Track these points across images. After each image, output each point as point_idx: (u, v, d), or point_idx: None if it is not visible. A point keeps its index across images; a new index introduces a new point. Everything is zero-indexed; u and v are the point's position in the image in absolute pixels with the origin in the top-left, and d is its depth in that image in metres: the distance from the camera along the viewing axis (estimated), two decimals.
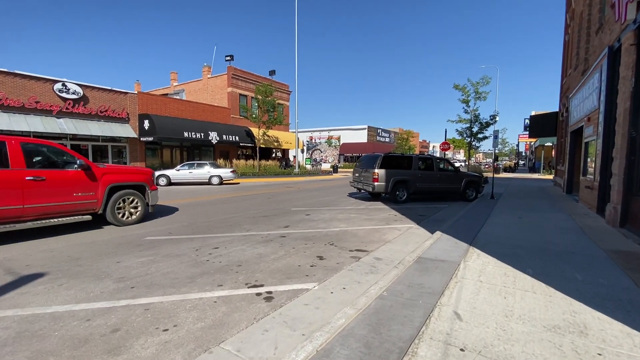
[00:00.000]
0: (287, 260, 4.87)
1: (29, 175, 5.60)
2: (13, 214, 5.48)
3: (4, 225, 5.38)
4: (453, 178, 12.37)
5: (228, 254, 5.09)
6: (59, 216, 6.14)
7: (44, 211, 5.89)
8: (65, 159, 6.43)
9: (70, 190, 6.20)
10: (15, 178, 5.44)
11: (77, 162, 6.34)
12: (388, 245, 5.82)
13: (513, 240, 5.78)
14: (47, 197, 5.88)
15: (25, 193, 5.56)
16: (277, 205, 10.28)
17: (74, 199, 6.26)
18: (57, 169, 6.16)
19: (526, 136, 40.46)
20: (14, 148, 5.57)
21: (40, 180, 5.74)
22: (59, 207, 6.08)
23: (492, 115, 20.23)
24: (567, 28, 17.06)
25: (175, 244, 5.61)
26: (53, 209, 6.00)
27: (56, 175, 6.04)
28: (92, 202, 6.56)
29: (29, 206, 5.65)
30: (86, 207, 6.50)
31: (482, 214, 8.64)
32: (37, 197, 5.74)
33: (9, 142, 5.58)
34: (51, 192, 5.92)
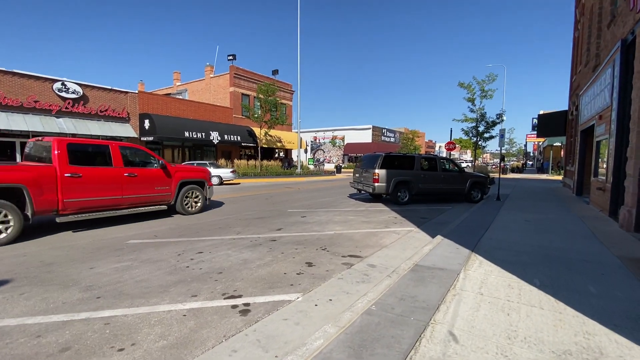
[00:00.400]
0: (273, 267, 4.53)
1: (125, 172, 7.12)
2: (115, 202, 7.01)
3: (109, 211, 6.93)
4: (457, 179, 11.93)
5: (211, 260, 4.77)
6: (144, 206, 7.59)
7: (135, 201, 7.36)
8: (149, 160, 7.90)
9: (153, 185, 7.68)
10: (116, 174, 6.99)
11: (158, 163, 7.88)
12: (384, 251, 5.44)
13: (519, 245, 5.36)
14: (137, 190, 7.34)
15: (123, 186, 7.07)
16: (273, 207, 9.96)
17: (155, 192, 7.73)
18: (143, 168, 7.62)
19: (534, 136, 39.64)
20: (114, 150, 7.09)
21: (133, 176, 7.24)
22: (145, 198, 7.57)
23: (499, 113, 19.68)
24: (577, 24, 16.48)
25: (158, 248, 5.30)
26: (141, 200, 7.47)
27: (143, 172, 7.51)
28: (168, 194, 8.03)
29: (126, 197, 7.14)
30: (163, 199, 7.96)
31: (487, 216, 8.21)
32: (131, 190, 7.22)
33: (112, 146, 7.13)
34: (140, 186, 7.39)
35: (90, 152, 7.00)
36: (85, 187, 6.50)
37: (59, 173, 6.16)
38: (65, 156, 6.31)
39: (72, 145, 6.53)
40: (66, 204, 6.25)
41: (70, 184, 6.26)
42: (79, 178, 6.40)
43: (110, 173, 6.90)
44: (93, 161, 6.91)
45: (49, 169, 6.09)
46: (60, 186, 6.14)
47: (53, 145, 6.29)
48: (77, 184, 6.37)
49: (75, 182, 6.33)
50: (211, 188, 9.21)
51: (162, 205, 7.92)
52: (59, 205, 6.16)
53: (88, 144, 7.01)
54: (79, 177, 6.39)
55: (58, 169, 6.16)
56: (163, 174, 7.86)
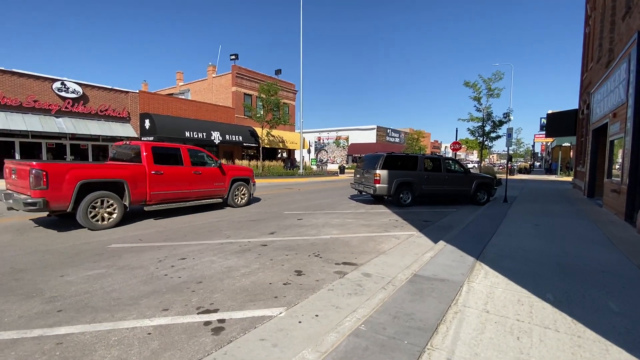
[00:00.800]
0: (259, 275, 4.17)
1: (193, 170, 8.39)
2: (186, 195, 8.30)
3: (180, 203, 8.19)
4: (462, 180, 11.47)
5: (193, 267, 4.42)
6: (205, 198, 8.86)
7: (200, 195, 8.66)
8: (209, 160, 9.11)
9: (213, 181, 8.95)
10: (187, 172, 8.28)
11: (215, 163, 9.15)
12: (382, 258, 5.05)
13: (528, 253, 4.93)
14: (201, 185, 8.62)
15: (192, 182, 8.35)
16: (269, 208, 9.61)
17: (214, 187, 9.02)
18: (205, 167, 8.82)
19: (542, 136, 38.83)
20: (184, 152, 8.38)
21: (198, 174, 8.52)
22: (207, 192, 8.85)
23: (506, 113, 19.08)
24: (588, 19, 15.89)
25: (138, 253, 4.98)
26: (204, 194, 8.78)
27: (206, 171, 8.76)
28: (223, 189, 9.31)
29: (193, 191, 8.44)
30: (220, 193, 9.24)
31: (494, 220, 7.76)
32: (197, 185, 8.51)
33: (182, 148, 8.43)
34: (204, 182, 8.68)
35: (167, 153, 8.18)
36: (165, 183, 7.80)
37: (147, 171, 7.46)
38: (151, 157, 7.63)
39: (155, 148, 7.84)
40: (152, 196, 7.55)
41: (155, 180, 7.58)
42: (161, 175, 7.70)
43: (182, 171, 8.22)
44: (169, 161, 8.11)
45: (140, 167, 7.39)
46: (148, 181, 7.45)
47: (142, 148, 7.61)
48: (160, 179, 7.69)
49: (158, 178, 7.65)
50: (254, 185, 10.51)
51: (218, 199, 9.24)
52: (147, 197, 7.48)
53: (165, 147, 8.29)
54: (161, 174, 7.69)
55: (147, 168, 7.47)
56: (219, 172, 9.15)
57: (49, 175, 5.90)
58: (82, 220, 6.31)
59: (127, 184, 6.96)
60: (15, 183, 6.51)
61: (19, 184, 6.32)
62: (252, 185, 10.26)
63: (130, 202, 7.05)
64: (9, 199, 6.30)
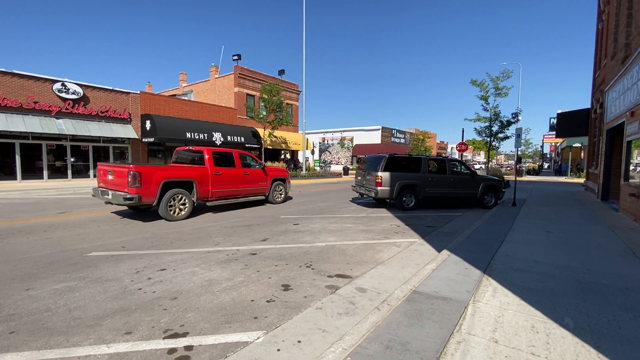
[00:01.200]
0: (241, 290, 3.78)
1: (243, 171, 9.63)
2: (237, 193, 9.52)
3: (232, 199, 9.40)
4: (469, 182, 10.97)
5: (171, 280, 4.06)
6: (252, 196, 10.05)
7: (248, 192, 9.85)
8: (254, 162, 10.36)
9: (258, 181, 10.13)
10: (238, 173, 9.52)
11: (260, 165, 10.42)
12: (379, 269, 4.63)
13: (541, 265, 4.47)
14: (249, 184, 9.83)
15: (242, 181, 9.59)
16: (265, 212, 9.24)
17: (259, 186, 10.19)
18: (252, 168, 10.06)
19: (552, 136, 37.95)
20: (236, 156, 9.64)
21: (247, 174, 9.76)
22: (254, 191, 10.05)
23: (514, 113, 18.47)
24: (601, 14, 15.25)
25: (117, 263, 4.63)
26: (251, 191, 9.96)
27: (252, 171, 9.98)
28: (265, 188, 10.47)
29: (243, 189, 9.66)
30: (263, 191, 10.42)
31: (502, 225, 7.28)
32: (246, 184, 9.74)
33: (234, 152, 9.69)
34: (251, 181, 9.92)
35: (223, 157, 9.34)
36: (223, 182, 8.99)
37: (210, 172, 8.69)
38: (212, 160, 8.85)
39: (214, 153, 9.06)
40: (213, 193, 8.78)
41: (215, 179, 8.78)
42: (220, 175, 8.92)
43: (235, 172, 9.43)
44: (224, 163, 9.28)
45: (204, 169, 8.63)
46: (210, 181, 8.65)
47: (205, 152, 8.88)
48: (219, 179, 8.88)
49: (218, 178, 8.85)
50: (289, 184, 11.63)
51: (261, 196, 10.40)
52: (210, 194, 8.69)
53: (221, 151, 9.46)
54: (219, 175, 8.91)
55: (209, 169, 8.70)
56: (263, 173, 10.32)
57: (142, 175, 7.17)
58: (162, 212, 7.58)
59: (195, 183, 8.25)
60: (111, 182, 7.68)
61: (115, 182, 7.53)
62: (288, 184, 11.42)
63: (197, 199, 8.34)
64: (104, 195, 7.55)
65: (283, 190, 11.13)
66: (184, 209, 7.95)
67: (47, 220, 7.50)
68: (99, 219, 7.86)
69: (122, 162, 18.85)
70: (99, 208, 9.38)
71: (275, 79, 28.66)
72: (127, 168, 7.11)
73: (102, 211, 8.90)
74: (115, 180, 7.51)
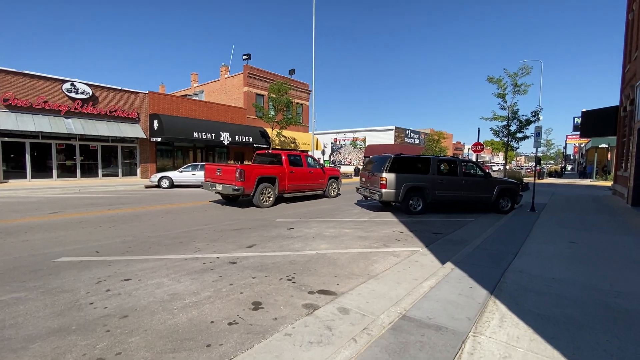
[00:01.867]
0: (203, 309, 3.29)
1: (308, 170, 11.68)
2: (303, 188, 11.55)
3: (299, 193, 11.44)
4: (482, 185, 10.17)
5: (130, 293, 3.62)
6: (314, 191, 12.07)
7: (311, 188, 11.87)
8: (315, 163, 12.38)
9: (319, 178, 12.15)
10: (306, 171, 11.57)
11: (319, 164, 12.40)
12: (370, 284, 4.05)
13: (562, 285, 3.77)
14: (312, 181, 11.83)
15: (308, 178, 11.63)
16: (262, 215, 8.77)
17: (319, 183, 12.20)
18: (315, 168, 12.15)
19: (576, 136, 36.03)
20: (303, 157, 11.75)
21: (311, 173, 11.77)
22: (315, 186, 12.04)
23: (535, 111, 17.35)
24: (631, 4, 14.06)
25: (81, 270, 4.24)
26: (314, 187, 11.99)
27: (315, 170, 12.07)
28: (323, 184, 12.44)
29: (308, 184, 11.67)
30: (322, 187, 12.44)
31: (518, 233, 6.54)
32: (310, 180, 11.71)
33: (302, 155, 11.79)
34: (314, 179, 11.91)
35: (294, 158, 11.47)
36: (295, 178, 11.09)
37: (287, 170, 10.83)
38: (287, 161, 11.03)
39: (289, 155, 11.26)
40: (288, 187, 10.89)
41: (290, 176, 10.86)
42: (293, 173, 11.03)
43: (303, 171, 11.50)
44: (296, 164, 11.37)
45: (282, 168, 10.81)
46: (286, 177, 10.73)
47: (282, 155, 11.10)
48: (292, 176, 10.98)
49: (291, 175, 10.95)
50: (340, 182, 13.57)
51: (320, 191, 12.44)
52: (286, 188, 10.80)
53: (292, 154, 11.56)
54: (293, 172, 11.00)
55: (286, 168, 10.86)
56: (322, 172, 12.33)
57: (245, 172, 9.49)
58: (256, 201, 9.85)
59: (277, 179, 10.41)
60: (219, 177, 9.99)
61: (223, 178, 9.83)
62: (340, 182, 13.46)
63: (277, 192, 10.38)
64: (213, 187, 10.08)
65: (336, 186, 13.15)
66: (270, 199, 10.14)
67: (34, 221, 7.28)
68: (86, 220, 7.60)
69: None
70: (93, 208, 9.18)
71: (285, 78, 28.31)
72: (235, 167, 9.50)
73: (92, 212, 8.67)
74: (224, 176, 9.82)
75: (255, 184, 9.69)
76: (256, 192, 9.74)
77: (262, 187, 9.87)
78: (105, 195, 12.51)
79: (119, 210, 8.88)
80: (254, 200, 9.83)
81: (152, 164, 20.49)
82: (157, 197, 12.48)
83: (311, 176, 11.76)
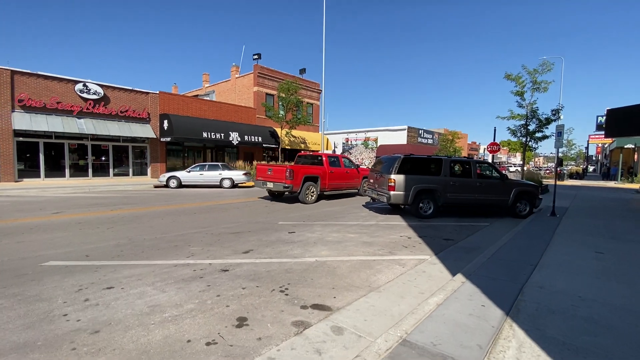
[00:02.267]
0: (183, 324, 3.00)
1: (344, 171, 12.62)
2: (341, 186, 12.47)
3: (338, 191, 12.46)
4: (498, 187, 9.59)
5: (109, 304, 3.36)
6: (349, 189, 12.90)
7: (347, 187, 12.78)
8: (350, 163, 13.29)
9: (354, 177, 13.02)
10: (343, 172, 12.52)
11: (354, 165, 13.32)
12: (371, 298, 3.68)
13: (590, 304, 3.30)
14: (348, 180, 12.72)
15: (344, 178, 12.56)
16: (265, 217, 8.48)
17: (354, 182, 13.06)
18: (350, 168, 13.00)
19: (600, 136, 34.40)
20: (340, 159, 12.81)
21: (346, 173, 12.65)
22: (351, 185, 12.91)
23: (555, 109, 16.44)
24: None
25: (65, 276, 4.03)
26: (349, 186, 12.83)
27: (350, 171, 12.89)
28: (358, 183, 13.32)
29: (344, 183, 12.55)
30: (356, 186, 13.29)
31: (537, 241, 6.01)
32: (347, 180, 12.62)
33: (339, 156, 12.97)
34: (350, 178, 12.82)
35: (333, 159, 12.56)
36: (334, 178, 12.05)
37: (327, 170, 11.83)
38: (327, 162, 12.07)
39: (329, 157, 12.35)
40: (329, 186, 11.84)
41: (330, 176, 11.85)
42: (332, 173, 11.98)
43: (341, 171, 12.44)
44: (334, 164, 12.37)
45: (323, 168, 11.82)
46: (327, 177, 11.75)
47: (323, 156, 12.25)
48: (332, 176, 11.94)
49: (331, 175, 11.93)
50: None
51: (355, 190, 13.36)
52: (326, 187, 11.73)
53: (332, 155, 12.85)
54: (332, 172, 11.98)
55: (326, 168, 11.85)
56: (356, 171, 13.23)
57: (293, 172, 10.64)
58: (301, 197, 10.94)
59: (319, 178, 11.46)
60: (270, 176, 11.22)
61: (274, 176, 11.05)
62: None
63: (319, 190, 11.43)
64: (264, 185, 11.37)
65: None
66: (313, 196, 11.19)
67: (34, 221, 7.22)
68: (86, 220, 7.49)
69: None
70: (96, 208, 9.12)
71: (296, 77, 28.06)
72: (286, 167, 10.71)
73: (94, 212, 8.59)
74: (275, 175, 11.04)
75: (301, 182, 10.81)
76: (302, 189, 10.84)
77: (307, 185, 10.98)
78: (112, 195, 12.52)
79: (121, 211, 8.77)
80: (299, 197, 10.90)
81: (162, 163, 20.60)
82: (162, 197, 12.40)
83: (348, 176, 12.71)
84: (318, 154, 12.67)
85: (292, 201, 11.51)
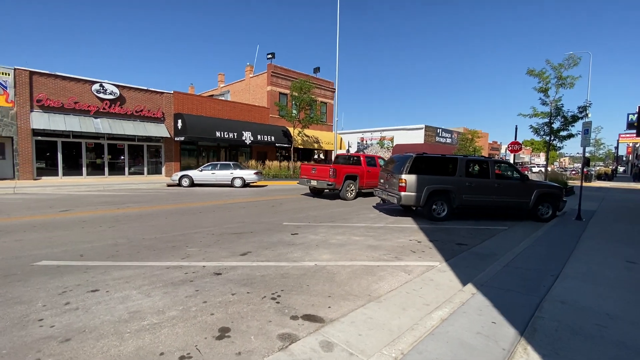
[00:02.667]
0: (159, 334, 2.77)
1: (367, 169, 12.90)
2: (374, 186, 11.77)
3: (369, 189, 12.49)
4: (518, 188, 9.00)
5: (89, 308, 3.19)
6: (372, 188, 12.06)
7: (370, 186, 12.56)
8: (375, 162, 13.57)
9: (376, 177, 12.09)
10: (377, 171, 12.58)
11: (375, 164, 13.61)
12: (369, 309, 3.35)
13: (621, 325, 2.86)
14: (373, 179, 12.60)
15: (365, 176, 12.71)
16: (270, 218, 8.26)
17: (377, 181, 11.69)
18: (374, 167, 13.21)
19: (631, 135, 32.44)
20: (362, 158, 13.31)
21: (369, 172, 12.85)
22: (372, 185, 12.44)
23: (582, 106, 15.44)
24: None
25: (53, 277, 3.91)
26: (373, 185, 12.35)
27: (373, 169, 13.03)
28: None
29: (368, 182, 12.72)
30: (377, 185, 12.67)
31: (560, 249, 5.49)
32: (370, 179, 12.73)
33: (362, 156, 13.54)
34: (373, 177, 12.72)
35: (370, 159, 13.48)
36: (371, 176, 12.74)
37: (364, 170, 12.73)
38: (365, 162, 13.11)
39: (366, 157, 13.38)
40: (365, 184, 12.63)
41: (367, 175, 12.72)
42: (369, 172, 12.80)
43: (377, 170, 12.63)
44: (370, 164, 13.23)
45: (361, 167, 12.79)
46: (365, 176, 12.62)
47: (361, 157, 13.38)
48: (369, 175, 12.76)
49: (368, 174, 12.76)
50: None
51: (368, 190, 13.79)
52: (364, 185, 12.60)
53: (369, 156, 13.72)
54: (369, 172, 12.81)
55: (364, 168, 12.80)
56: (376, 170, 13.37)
57: (336, 171, 11.69)
58: (342, 194, 11.95)
59: (358, 176, 12.41)
60: (314, 175, 12.33)
61: (318, 175, 12.16)
62: None
63: (357, 187, 12.28)
64: (308, 183, 12.50)
65: None
66: (352, 193, 12.16)
67: (39, 219, 7.28)
68: (90, 219, 7.50)
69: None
70: (104, 207, 9.18)
71: (309, 76, 27.83)
72: (329, 167, 11.85)
73: (100, 210, 8.62)
74: (318, 174, 12.18)
75: (343, 180, 11.79)
76: (343, 187, 11.81)
77: (347, 183, 11.92)
78: (124, 194, 12.66)
79: (127, 210, 8.77)
80: (340, 194, 11.92)
81: (176, 162, 20.83)
82: (172, 195, 12.43)
83: (370, 174, 13.22)
84: (356, 155, 13.92)
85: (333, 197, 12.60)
